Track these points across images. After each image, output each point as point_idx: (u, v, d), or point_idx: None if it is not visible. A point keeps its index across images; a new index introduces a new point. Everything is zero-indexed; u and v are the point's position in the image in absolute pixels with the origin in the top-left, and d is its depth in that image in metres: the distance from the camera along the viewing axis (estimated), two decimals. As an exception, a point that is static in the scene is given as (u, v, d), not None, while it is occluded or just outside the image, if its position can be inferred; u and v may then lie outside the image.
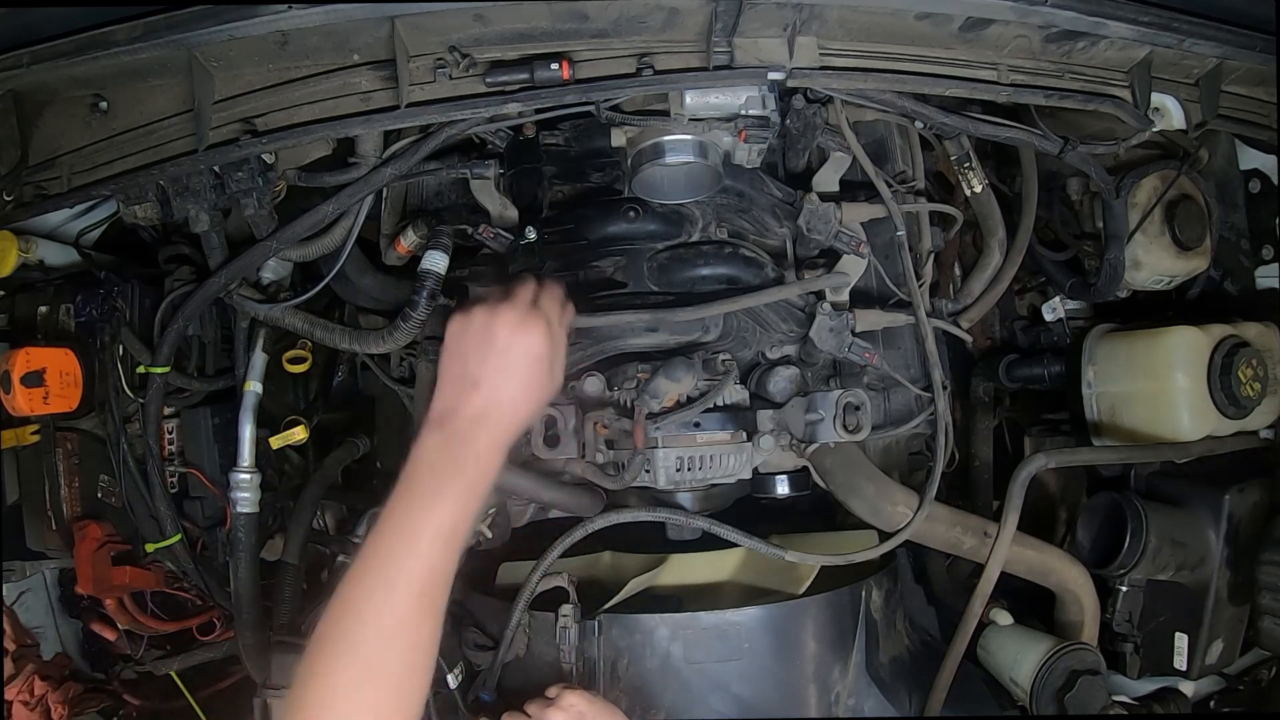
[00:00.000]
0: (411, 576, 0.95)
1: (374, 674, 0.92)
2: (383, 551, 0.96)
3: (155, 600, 1.84)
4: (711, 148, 1.27)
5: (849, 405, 1.35)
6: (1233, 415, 1.56)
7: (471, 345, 1.07)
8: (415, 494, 1.00)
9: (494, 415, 1.05)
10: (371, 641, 0.92)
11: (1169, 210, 1.61)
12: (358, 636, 0.93)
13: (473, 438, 1.03)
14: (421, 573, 0.96)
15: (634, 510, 1.39)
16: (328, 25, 1.08)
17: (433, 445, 1.03)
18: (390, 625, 0.93)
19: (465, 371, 1.06)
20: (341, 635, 0.93)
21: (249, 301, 1.47)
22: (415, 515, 0.98)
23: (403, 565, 0.95)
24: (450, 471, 1.01)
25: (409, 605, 0.94)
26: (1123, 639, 1.65)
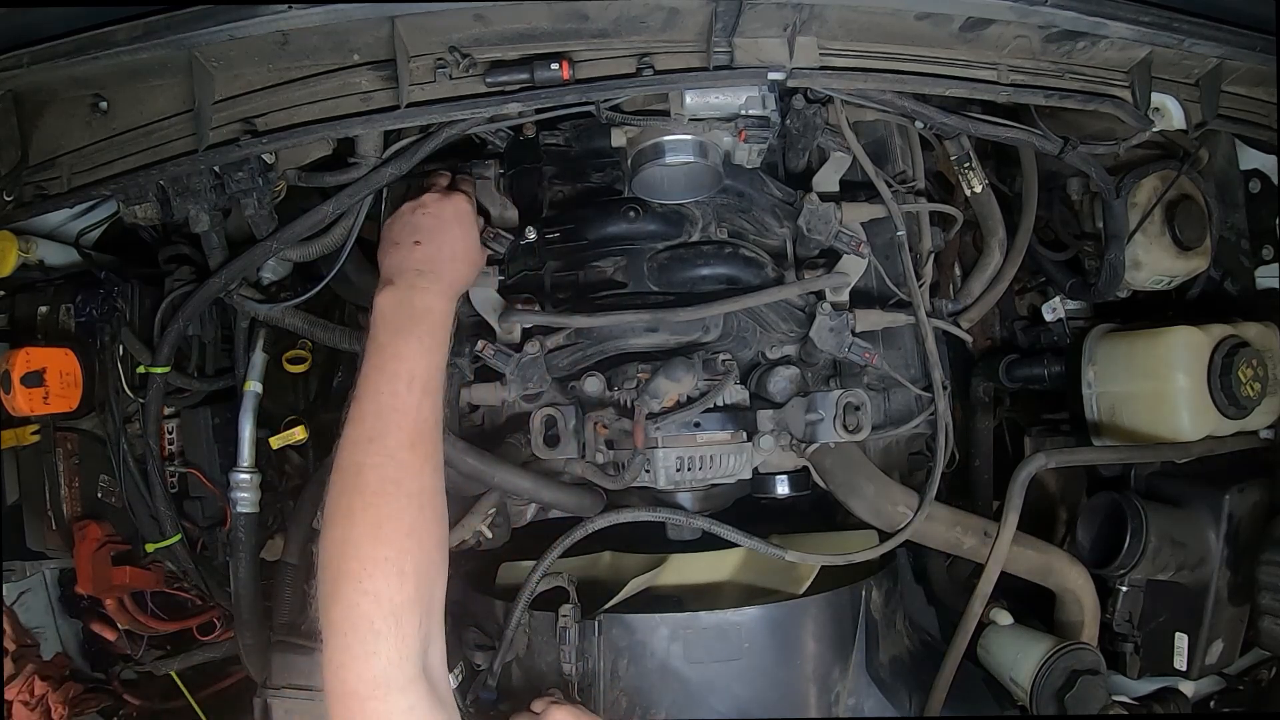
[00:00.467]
0: (399, 427, 0.99)
1: (388, 529, 0.93)
2: (367, 412, 1.00)
3: (155, 600, 1.84)
4: (711, 148, 1.27)
5: (849, 405, 1.35)
6: (1233, 415, 1.56)
7: (405, 220, 1.19)
8: (381, 350, 1.04)
9: (439, 264, 1.15)
10: (378, 496, 0.94)
11: (1169, 210, 1.61)
12: (365, 496, 0.95)
13: (424, 286, 1.11)
14: (407, 422, 0.99)
15: (634, 510, 1.39)
16: (328, 25, 1.08)
17: (387, 302, 1.09)
18: (393, 477, 0.96)
19: (404, 238, 1.17)
20: (349, 499, 0.95)
21: (249, 301, 1.47)
22: (387, 369, 1.02)
23: (387, 418, 0.99)
24: (409, 323, 1.07)
25: (404, 456, 0.97)
26: (1123, 639, 1.65)
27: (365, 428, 0.99)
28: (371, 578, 0.91)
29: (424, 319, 1.08)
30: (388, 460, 0.97)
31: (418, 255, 1.14)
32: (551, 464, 1.37)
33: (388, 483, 0.95)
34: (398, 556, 0.93)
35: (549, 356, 1.34)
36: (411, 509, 0.96)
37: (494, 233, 1.38)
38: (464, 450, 1.29)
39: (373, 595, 0.91)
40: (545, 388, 1.35)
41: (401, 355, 1.04)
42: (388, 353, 1.04)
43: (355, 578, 0.91)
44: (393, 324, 1.07)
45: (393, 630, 0.91)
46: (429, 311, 1.10)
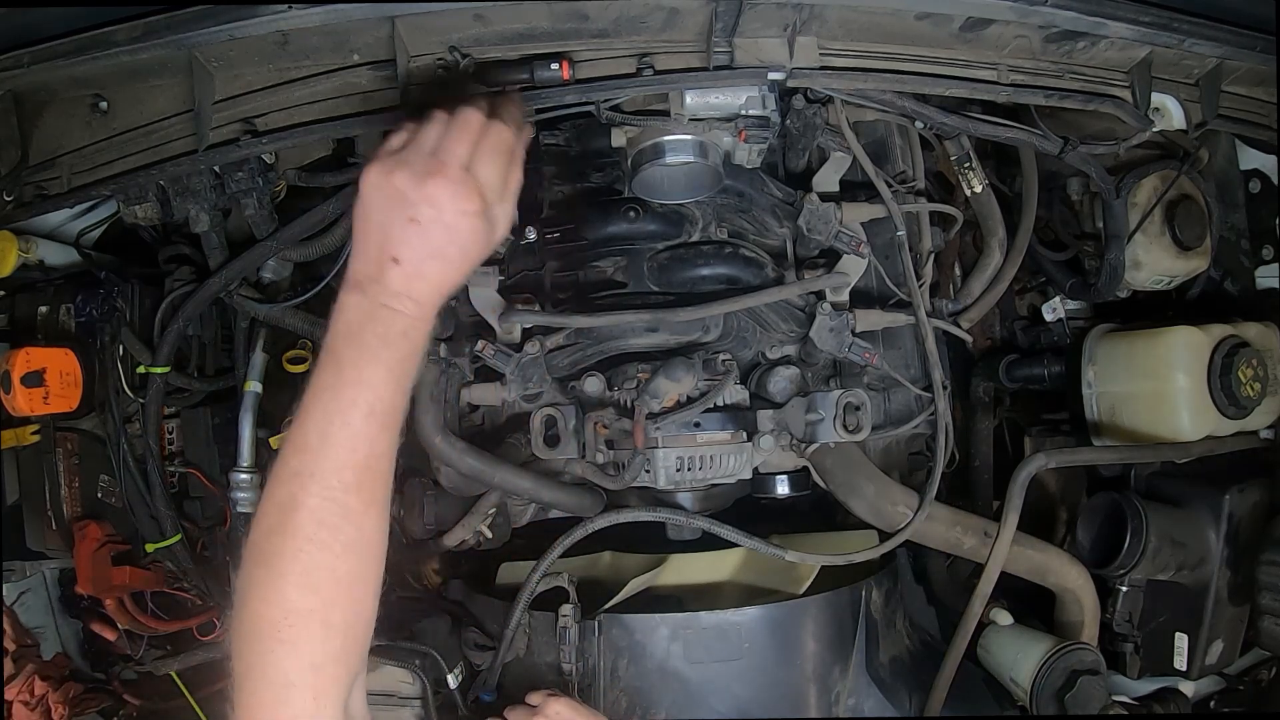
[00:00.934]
0: (346, 465, 0.85)
1: (318, 578, 0.83)
2: (311, 440, 0.85)
3: (155, 600, 1.84)
4: (711, 148, 1.27)
5: (849, 405, 1.35)
6: (1233, 415, 1.56)
7: (386, 216, 0.90)
8: (340, 369, 0.87)
9: (418, 289, 0.90)
10: (311, 543, 0.83)
11: (1169, 210, 1.61)
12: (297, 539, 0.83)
13: (399, 307, 0.90)
14: (356, 459, 0.85)
15: (634, 510, 1.39)
16: (328, 25, 1.08)
17: (354, 312, 0.90)
18: (330, 522, 0.83)
19: (384, 242, 0.90)
20: (279, 539, 0.83)
21: (249, 301, 1.47)
22: (344, 395, 0.86)
23: (334, 452, 0.84)
24: (378, 345, 0.89)
25: (346, 499, 0.84)
26: (1123, 639, 1.65)
27: (307, 459, 0.85)
28: (292, 628, 0.82)
29: (397, 343, 0.89)
30: (327, 502, 0.83)
31: (396, 278, 0.90)
32: (551, 464, 1.37)
33: (324, 527, 0.83)
34: (324, 609, 0.83)
35: (549, 356, 1.34)
36: (347, 558, 0.84)
37: None
38: (464, 450, 1.29)
39: (290, 645, 0.82)
40: (545, 388, 1.35)
41: (364, 381, 0.87)
42: (347, 375, 0.87)
43: (274, 626, 0.82)
44: (359, 341, 0.88)
45: (309, 683, 0.83)
46: (403, 335, 0.90)
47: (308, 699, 0.82)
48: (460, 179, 0.90)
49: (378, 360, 0.88)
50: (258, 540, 0.85)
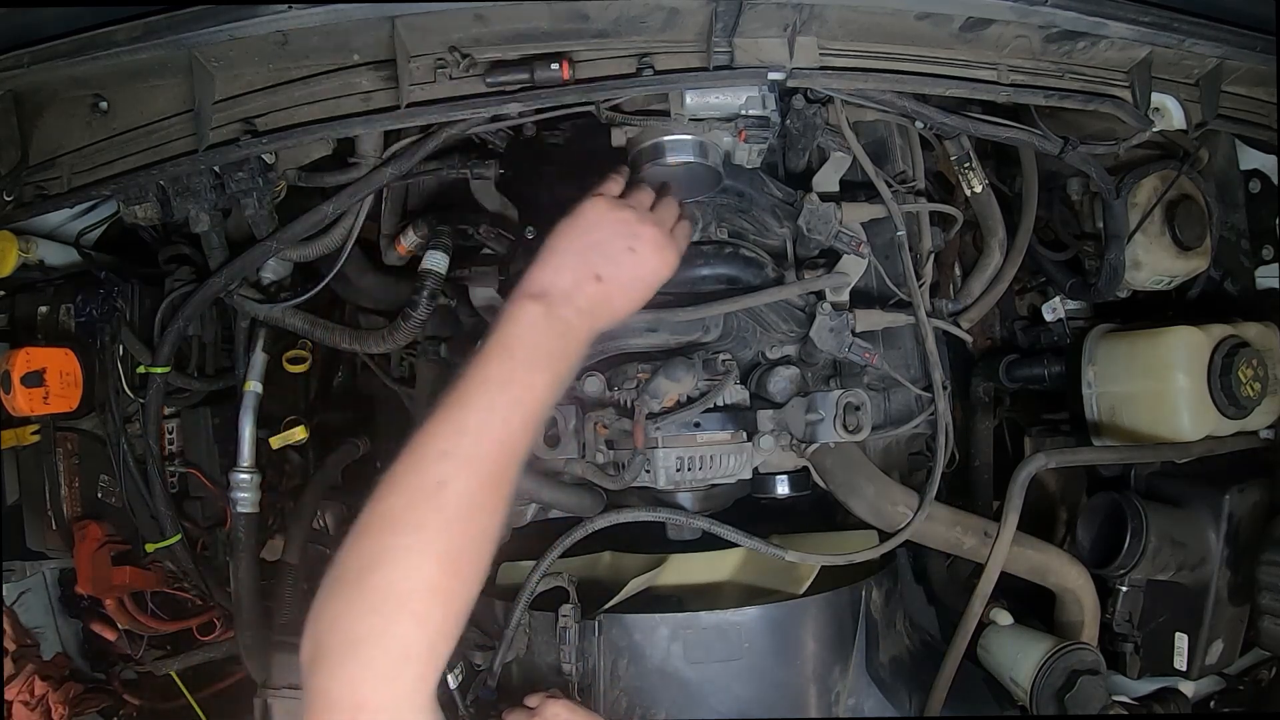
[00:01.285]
0: (496, 459, 0.88)
1: (446, 556, 0.83)
2: (470, 426, 0.88)
3: (155, 600, 1.84)
4: (711, 148, 1.27)
5: (849, 405, 1.35)
6: (1233, 415, 1.56)
7: (608, 236, 1.04)
8: (505, 366, 0.92)
9: (601, 313, 1.02)
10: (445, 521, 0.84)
11: (1169, 210, 1.61)
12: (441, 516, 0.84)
13: (578, 325, 0.99)
14: (501, 455, 0.88)
15: (634, 510, 1.39)
16: (328, 25, 1.08)
17: (535, 318, 0.96)
18: (476, 504, 0.86)
19: (592, 260, 1.02)
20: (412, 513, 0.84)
21: (249, 301, 1.47)
22: (511, 393, 0.91)
23: (489, 444, 0.88)
24: (553, 356, 0.95)
25: (485, 486, 0.87)
26: (1123, 639, 1.65)
27: (462, 443, 0.87)
28: (424, 603, 0.82)
29: (567, 358, 0.97)
30: (475, 488, 0.86)
31: (591, 294, 1.00)
32: (551, 464, 1.37)
33: (473, 509, 0.85)
34: (459, 589, 0.84)
35: (549, 356, 1.34)
36: (484, 546, 0.87)
37: (494, 233, 1.38)
38: (464, 450, 1.29)
39: (419, 620, 0.82)
40: (545, 388, 1.34)
41: (530, 385, 0.92)
42: (518, 376, 0.92)
43: (407, 597, 0.81)
44: (536, 348, 0.94)
45: (425, 660, 0.82)
46: (573, 354, 0.98)
47: (418, 677, 0.82)
48: (668, 235, 1.10)
49: (547, 369, 0.94)
50: (396, 510, 0.85)
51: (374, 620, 0.81)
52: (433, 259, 1.36)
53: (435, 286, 1.37)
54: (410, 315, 1.38)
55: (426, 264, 1.37)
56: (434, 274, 1.36)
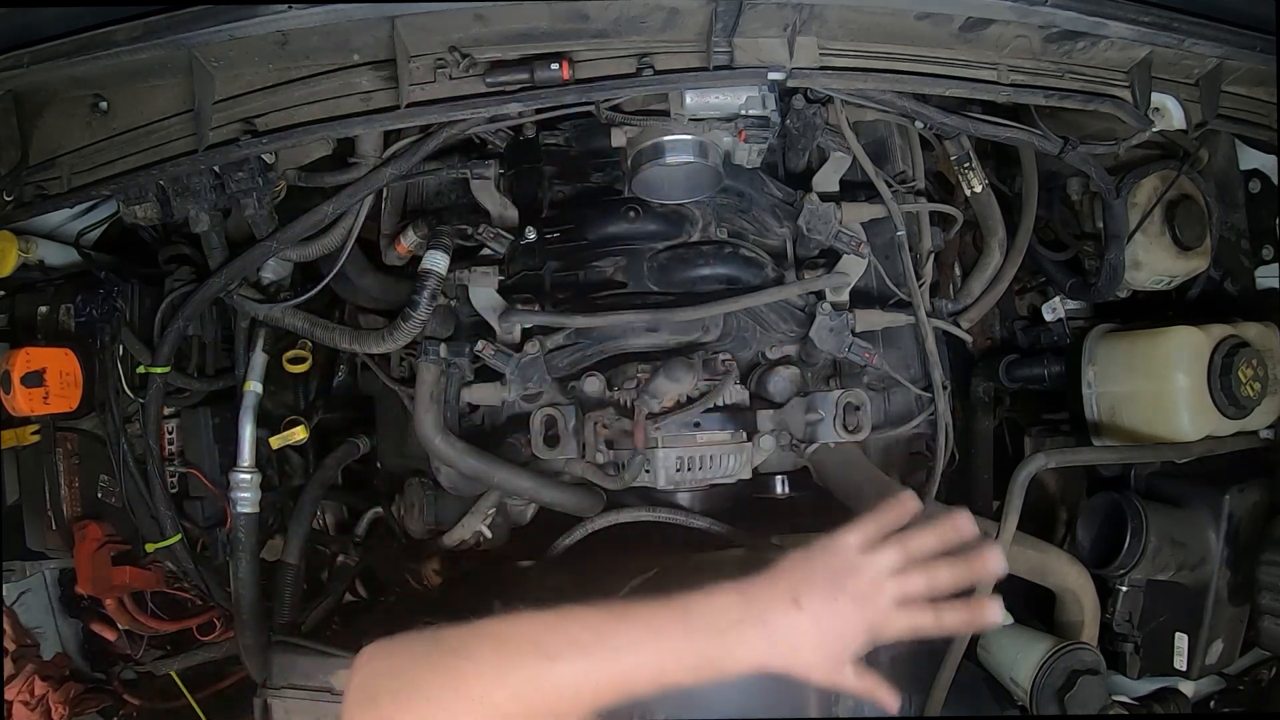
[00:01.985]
0: (562, 690, 0.83)
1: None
2: (576, 647, 0.84)
3: (155, 600, 1.84)
4: (711, 148, 1.27)
5: (849, 405, 1.35)
6: (1233, 415, 1.56)
7: (841, 579, 0.93)
8: (661, 630, 0.88)
9: (778, 644, 0.91)
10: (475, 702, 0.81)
11: (1169, 210, 1.61)
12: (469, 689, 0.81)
13: (751, 641, 0.90)
14: (570, 692, 0.83)
15: (634, 510, 1.39)
16: (328, 25, 1.08)
17: (724, 610, 0.91)
18: (496, 703, 0.81)
19: (806, 592, 0.92)
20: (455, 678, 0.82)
21: (249, 301, 1.47)
22: (649, 649, 0.87)
23: (567, 673, 0.83)
24: (708, 644, 0.89)
25: (537, 702, 0.82)
26: (1123, 639, 1.65)
27: (552, 658, 0.82)
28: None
29: (715, 654, 0.89)
30: (518, 697, 0.81)
31: (784, 622, 0.90)
32: (551, 464, 1.37)
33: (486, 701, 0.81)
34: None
35: (549, 356, 1.34)
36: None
37: (494, 233, 1.38)
38: (464, 450, 1.30)
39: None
40: (545, 388, 1.35)
41: (663, 655, 0.87)
42: (623, 657, 0.85)
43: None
44: (699, 629, 0.88)
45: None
46: (726, 656, 0.90)
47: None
48: (885, 616, 0.92)
49: (689, 650, 0.89)
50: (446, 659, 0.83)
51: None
52: (433, 259, 1.36)
53: (435, 286, 1.37)
54: (410, 315, 1.38)
55: (426, 264, 1.37)
56: (434, 274, 1.36)
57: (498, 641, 0.84)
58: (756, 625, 0.90)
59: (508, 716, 0.81)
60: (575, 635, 0.85)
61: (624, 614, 0.88)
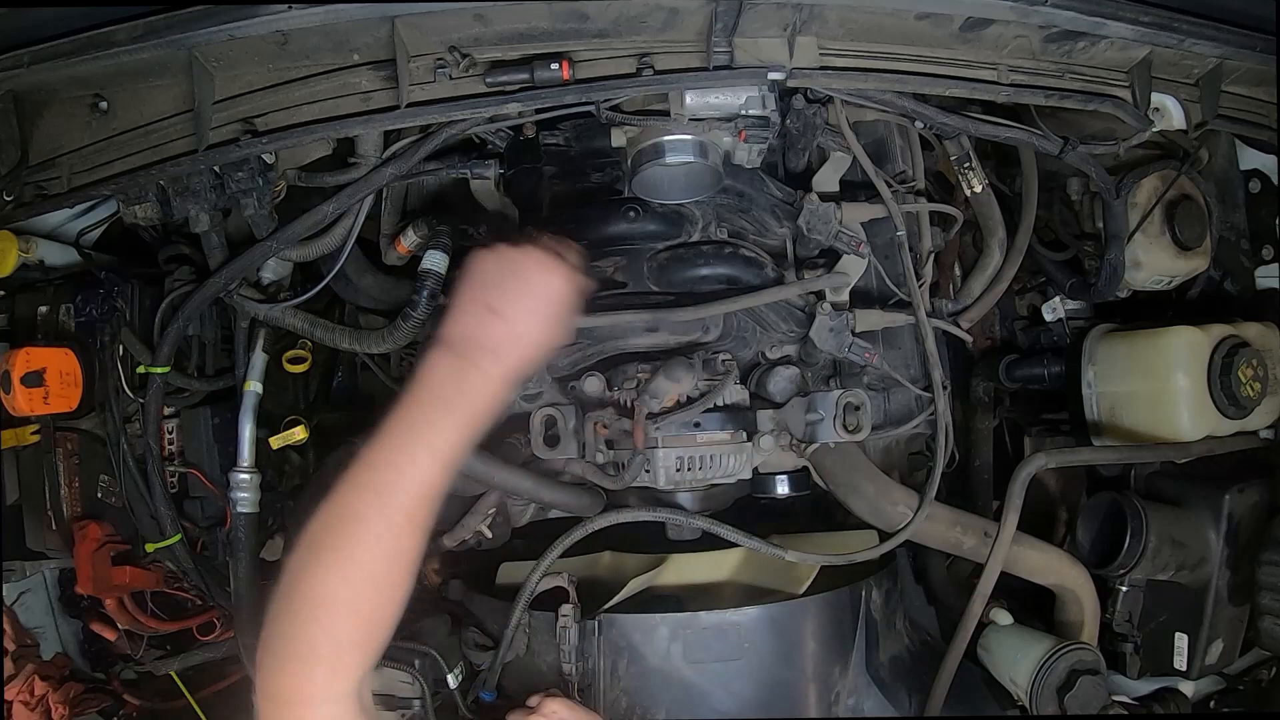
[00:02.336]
0: (404, 493, 0.97)
1: (358, 576, 0.95)
2: (381, 465, 0.99)
3: (155, 600, 1.84)
4: (711, 148, 1.27)
5: (849, 405, 1.35)
6: (1233, 415, 1.56)
7: (496, 275, 1.07)
8: (419, 413, 1.01)
9: (510, 348, 1.05)
10: (359, 546, 0.95)
11: (1169, 210, 1.61)
12: (348, 540, 0.95)
13: (485, 367, 1.03)
14: (414, 491, 0.98)
15: (634, 510, 1.39)
16: (328, 25, 1.08)
17: (443, 367, 1.03)
18: (379, 533, 0.96)
19: (487, 300, 1.05)
20: (333, 538, 0.96)
21: (249, 301, 1.47)
22: (416, 435, 0.99)
23: (397, 482, 0.98)
24: (456, 397, 1.02)
25: (398, 519, 0.97)
26: (1123, 639, 1.65)
27: (374, 478, 0.98)
28: (329, 614, 0.94)
29: (474, 399, 1.03)
30: (381, 519, 0.96)
31: (495, 332, 1.04)
32: (551, 464, 1.37)
33: (375, 537, 0.96)
34: (357, 601, 0.95)
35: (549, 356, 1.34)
36: (387, 566, 0.97)
37: (494, 232, 1.38)
38: (464, 450, 1.29)
39: (323, 627, 0.94)
40: (545, 388, 1.35)
41: (437, 429, 1.00)
42: (425, 418, 1.00)
43: (312, 609, 0.94)
44: (439, 393, 1.02)
45: (331, 660, 0.94)
46: (483, 392, 1.03)
47: (327, 674, 0.93)
48: (552, 253, 1.09)
49: (453, 413, 1.01)
50: (313, 535, 0.96)
51: (289, 625, 0.94)
52: (432, 259, 1.37)
53: (435, 286, 1.37)
54: (410, 315, 1.38)
55: (426, 264, 1.37)
56: (434, 274, 1.36)
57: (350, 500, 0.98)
58: (476, 357, 1.03)
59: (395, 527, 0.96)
60: (354, 478, 0.99)
61: (376, 443, 1.00)
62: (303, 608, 0.94)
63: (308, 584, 0.95)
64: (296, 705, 0.93)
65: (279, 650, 0.94)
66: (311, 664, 0.93)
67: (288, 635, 0.94)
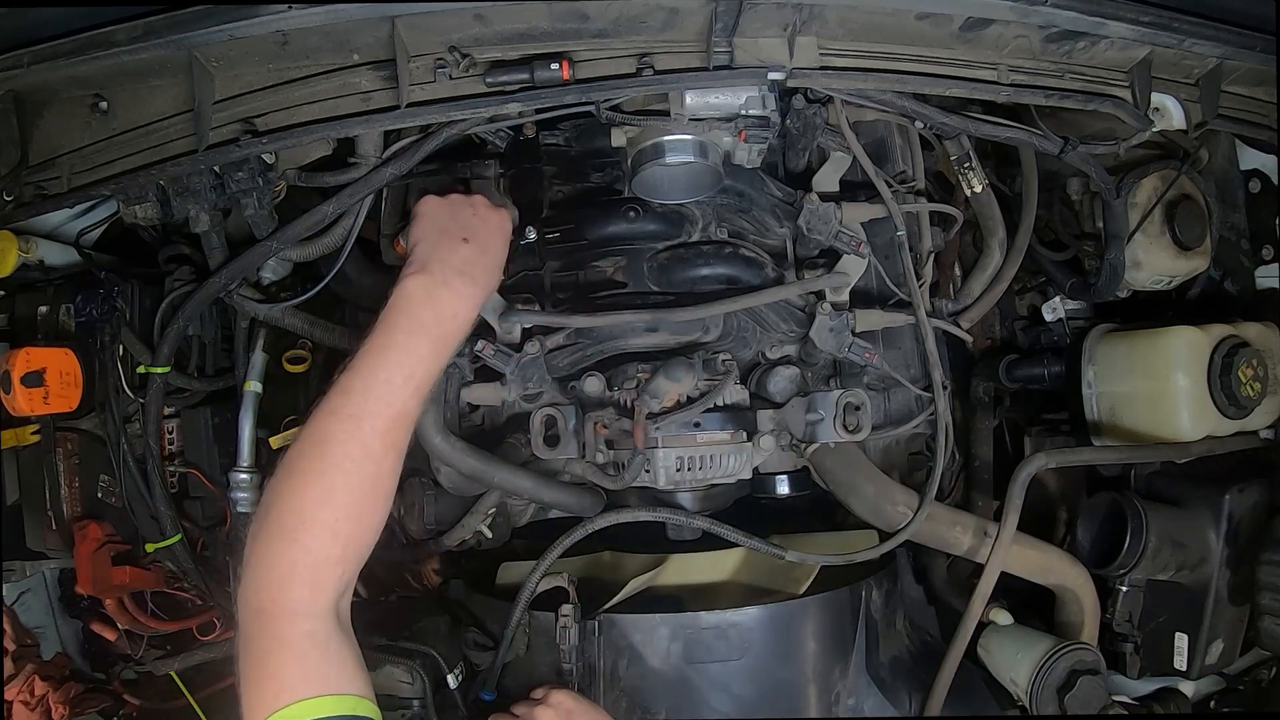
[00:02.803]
0: (379, 415, 1.01)
1: (336, 497, 0.98)
2: (356, 388, 1.02)
3: (155, 600, 1.84)
4: (711, 148, 1.27)
5: (849, 405, 1.35)
6: (1233, 415, 1.56)
7: (454, 210, 1.16)
8: (392, 336, 1.04)
9: (477, 268, 1.12)
10: (336, 468, 0.98)
11: (1169, 210, 1.61)
12: (325, 462, 0.99)
13: (458, 289, 1.09)
14: (388, 412, 1.01)
15: (634, 510, 1.39)
16: (328, 25, 1.08)
17: (416, 290, 1.07)
18: (355, 455, 0.99)
19: (451, 227, 1.13)
20: (310, 460, 0.99)
21: (249, 301, 1.47)
22: (390, 357, 1.03)
23: (372, 403, 1.01)
24: (430, 320, 1.07)
25: (374, 440, 1.00)
26: (1123, 639, 1.65)
27: (348, 402, 1.01)
28: (308, 533, 0.97)
29: (447, 322, 1.08)
30: (356, 441, 0.99)
31: (462, 253, 1.12)
32: (551, 464, 1.37)
33: (349, 459, 0.99)
34: (335, 522, 0.98)
35: (549, 356, 1.34)
36: (364, 487, 1.00)
37: None
38: (464, 450, 1.29)
39: (303, 546, 0.97)
40: (545, 388, 1.35)
41: (410, 350, 1.04)
42: (397, 341, 1.04)
43: (291, 528, 0.97)
44: (413, 315, 1.06)
45: (310, 576, 0.97)
46: (454, 317, 1.09)
47: (306, 589, 0.97)
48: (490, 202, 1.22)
49: (426, 335, 1.06)
50: (291, 459, 1.00)
51: (266, 547, 0.98)
52: (432, 260, 1.36)
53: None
54: (410, 316, 1.37)
55: (426, 265, 1.36)
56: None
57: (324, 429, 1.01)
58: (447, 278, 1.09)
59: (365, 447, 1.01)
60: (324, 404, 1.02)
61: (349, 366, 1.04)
62: (282, 527, 0.97)
63: (287, 505, 0.98)
64: (276, 619, 0.95)
65: (259, 567, 0.97)
66: (291, 580, 0.96)
67: (268, 553, 0.97)
